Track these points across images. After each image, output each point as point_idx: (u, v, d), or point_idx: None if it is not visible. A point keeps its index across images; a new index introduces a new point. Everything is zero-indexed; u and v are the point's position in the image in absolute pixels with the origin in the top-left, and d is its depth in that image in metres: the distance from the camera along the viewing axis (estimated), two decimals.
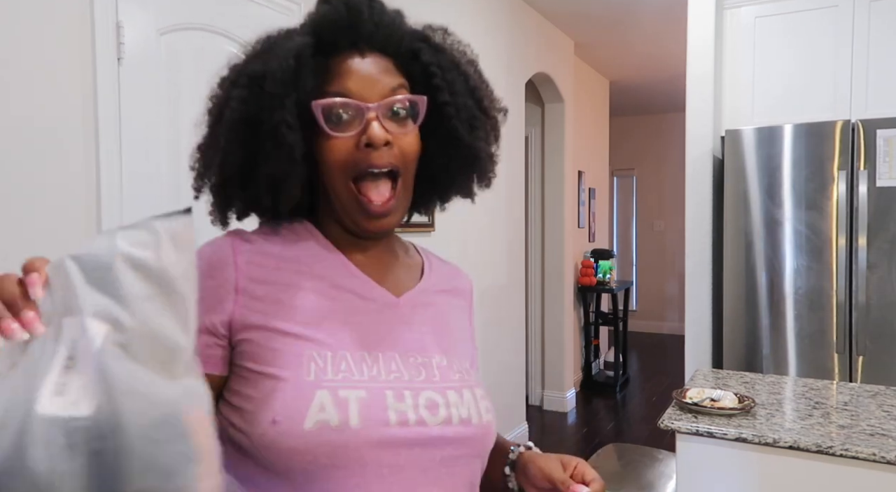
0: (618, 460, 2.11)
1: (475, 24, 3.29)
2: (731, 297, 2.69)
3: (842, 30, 2.69)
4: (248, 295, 0.68)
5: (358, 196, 0.69)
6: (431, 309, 0.78)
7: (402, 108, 0.69)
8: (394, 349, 0.71)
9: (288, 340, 0.66)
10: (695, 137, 2.90)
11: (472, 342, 0.84)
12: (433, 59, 0.72)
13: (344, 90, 0.68)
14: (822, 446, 1.42)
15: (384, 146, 0.67)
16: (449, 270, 0.87)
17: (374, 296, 0.73)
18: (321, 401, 0.63)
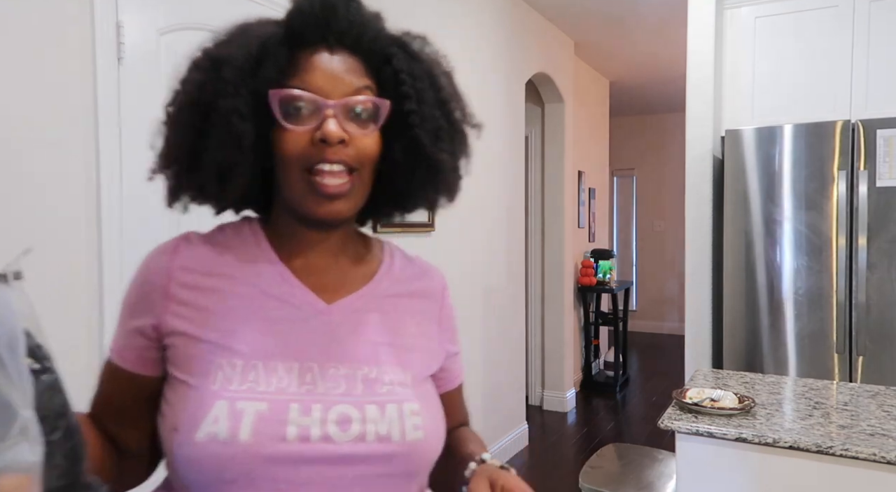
0: (618, 460, 2.11)
1: (475, 24, 3.29)
2: (731, 297, 2.69)
3: (842, 30, 2.69)
4: (176, 301, 0.68)
5: (311, 180, 0.67)
6: (372, 315, 0.74)
7: (363, 110, 0.68)
8: (313, 359, 0.68)
9: (203, 348, 0.66)
10: (695, 137, 2.90)
11: (435, 347, 0.80)
12: (405, 67, 0.71)
13: (306, 84, 0.66)
14: (822, 446, 1.42)
15: (339, 144, 0.66)
16: (415, 271, 0.83)
17: (303, 303, 0.71)
18: (217, 412, 0.62)
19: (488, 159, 3.46)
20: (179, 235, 0.73)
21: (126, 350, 0.71)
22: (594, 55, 5.04)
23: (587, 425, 4.32)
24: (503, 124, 3.63)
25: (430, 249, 2.92)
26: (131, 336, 0.70)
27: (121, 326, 0.72)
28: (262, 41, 0.66)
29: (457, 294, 3.41)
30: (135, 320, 0.70)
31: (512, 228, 3.78)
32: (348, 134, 0.66)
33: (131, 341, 0.70)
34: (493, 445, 3.55)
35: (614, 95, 6.43)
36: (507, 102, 3.67)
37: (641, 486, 1.91)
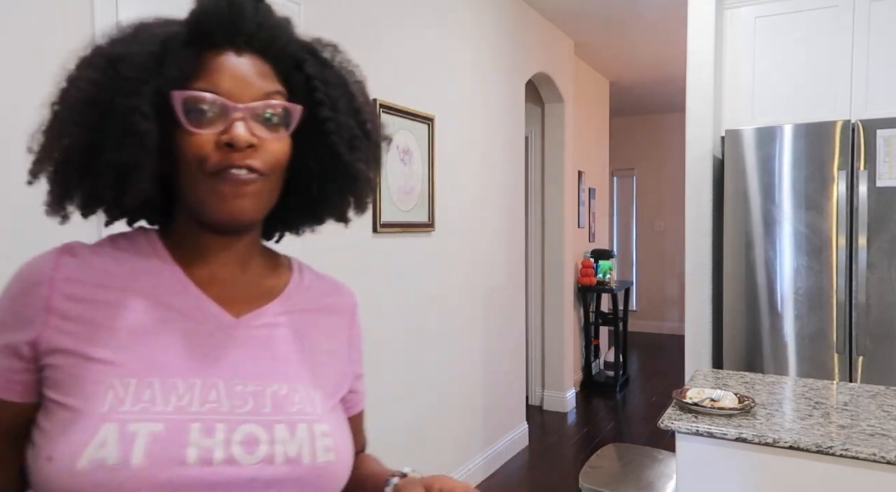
0: (618, 460, 2.11)
1: (475, 24, 3.29)
2: (731, 297, 2.69)
3: (842, 30, 2.69)
4: (59, 315, 0.61)
5: (213, 183, 0.63)
6: (282, 330, 0.70)
7: (274, 114, 0.65)
8: (218, 376, 0.63)
9: (92, 367, 0.60)
10: (695, 137, 2.90)
11: (345, 366, 0.76)
12: (317, 73, 0.69)
13: (213, 86, 0.63)
14: (822, 446, 1.42)
15: (247, 148, 0.62)
16: (325, 287, 0.79)
17: (207, 315, 0.66)
18: (105, 436, 0.56)
19: (488, 159, 3.46)
20: (60, 245, 0.66)
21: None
22: (594, 55, 5.04)
23: (587, 425, 4.32)
24: (503, 124, 3.63)
25: (430, 249, 2.92)
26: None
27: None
28: (163, 40, 0.63)
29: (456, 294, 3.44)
30: (6, 337, 0.62)
31: (512, 228, 3.78)
32: (257, 138, 0.63)
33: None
34: (493, 445, 3.55)
35: (614, 95, 6.43)
36: (507, 102, 3.67)
37: (641, 486, 1.91)
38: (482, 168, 3.40)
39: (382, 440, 2.58)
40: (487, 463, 3.45)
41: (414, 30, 2.76)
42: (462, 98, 3.16)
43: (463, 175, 3.20)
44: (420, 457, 2.85)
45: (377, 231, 2.52)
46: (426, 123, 2.83)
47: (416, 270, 2.81)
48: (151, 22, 0.66)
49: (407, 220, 2.70)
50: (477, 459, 3.36)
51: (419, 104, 2.80)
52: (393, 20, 2.62)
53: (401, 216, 2.66)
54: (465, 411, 3.24)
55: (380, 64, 2.54)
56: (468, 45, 3.22)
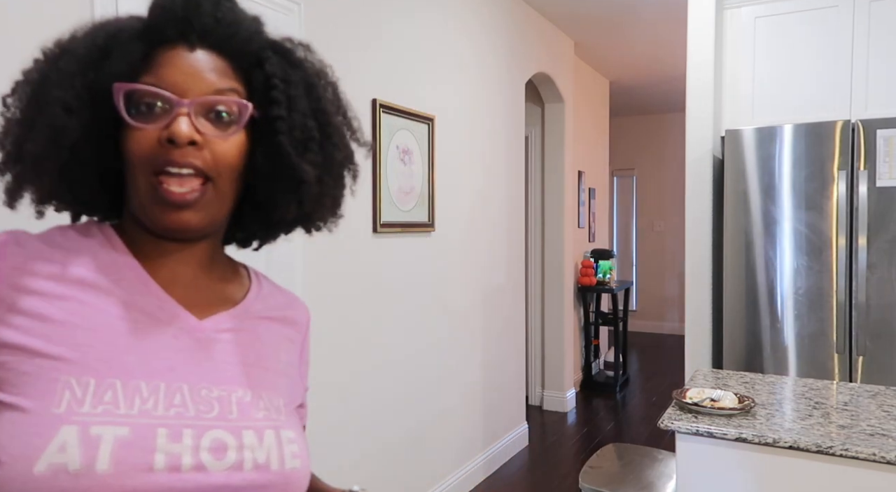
0: (618, 460, 2.11)
1: (475, 24, 3.29)
2: (731, 297, 2.69)
3: (842, 30, 2.69)
4: (6, 307, 0.57)
5: (157, 186, 0.60)
6: (245, 336, 0.69)
7: (224, 111, 0.62)
8: (183, 379, 0.61)
9: (43, 363, 0.55)
10: (695, 137, 2.90)
11: (298, 379, 0.75)
12: (278, 71, 0.66)
13: (159, 80, 0.60)
14: (822, 446, 1.42)
15: (189, 145, 0.60)
16: (283, 299, 0.78)
17: (170, 316, 0.63)
18: (64, 439, 0.52)
19: (488, 159, 3.46)
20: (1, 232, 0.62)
21: None
22: (594, 55, 5.04)
23: (587, 425, 4.32)
24: (503, 124, 3.63)
25: (430, 249, 2.92)
26: None
27: None
28: (111, 33, 0.61)
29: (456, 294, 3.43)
30: None
31: (512, 228, 3.78)
32: (202, 136, 0.61)
33: None
34: (493, 445, 3.55)
35: (614, 95, 6.43)
36: (507, 102, 3.67)
37: (641, 486, 1.91)
38: (482, 168, 3.40)
39: (383, 440, 2.58)
40: (487, 463, 3.45)
41: (414, 30, 2.76)
42: (462, 98, 3.16)
43: (463, 175, 3.20)
44: (420, 457, 2.85)
45: (377, 231, 2.52)
46: (426, 123, 2.83)
47: (416, 270, 2.81)
48: (115, 18, 0.65)
49: (407, 220, 2.70)
50: (477, 459, 3.36)
51: (419, 104, 2.80)
52: (393, 20, 2.62)
53: (401, 216, 2.66)
54: (465, 411, 3.24)
55: (380, 64, 2.54)
56: (468, 45, 3.22)
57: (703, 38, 2.87)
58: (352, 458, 2.41)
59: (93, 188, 0.64)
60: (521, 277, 3.93)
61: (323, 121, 0.69)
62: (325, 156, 0.69)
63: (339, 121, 0.71)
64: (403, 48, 2.69)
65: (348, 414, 2.39)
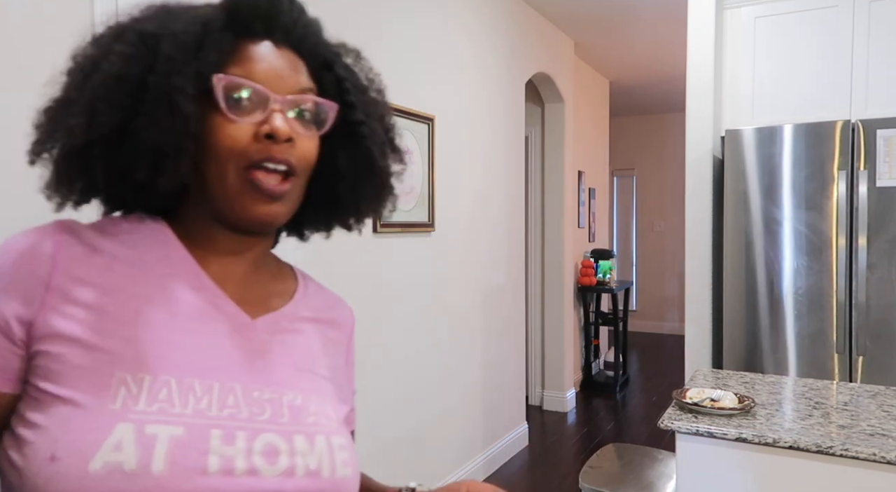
0: (618, 460, 2.11)
1: (475, 24, 3.29)
2: (731, 297, 2.69)
3: (842, 30, 2.69)
4: (61, 296, 0.55)
5: (249, 177, 0.59)
6: (295, 337, 0.67)
7: (308, 111, 0.63)
8: (235, 379, 0.59)
9: (99, 357, 0.54)
10: (695, 137, 2.90)
11: (345, 382, 0.73)
12: (346, 75, 0.68)
13: (251, 75, 0.60)
14: (822, 446, 1.42)
15: (286, 142, 0.60)
16: (328, 299, 0.76)
17: (224, 314, 0.62)
18: (120, 437, 0.50)
19: (488, 159, 3.46)
20: (53, 221, 0.60)
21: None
22: (594, 55, 5.04)
23: (587, 425, 4.32)
24: (503, 124, 3.63)
25: (430, 249, 2.92)
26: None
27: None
28: (204, 20, 0.59)
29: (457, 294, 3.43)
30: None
31: (512, 228, 3.78)
32: (294, 133, 0.61)
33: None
34: (493, 445, 3.55)
35: (614, 95, 6.43)
36: (507, 102, 3.67)
37: (641, 486, 1.91)
38: (482, 168, 3.40)
39: (383, 440, 2.58)
40: (487, 463, 3.45)
41: (414, 30, 2.76)
42: (462, 98, 3.16)
43: (463, 175, 3.20)
44: (420, 457, 2.85)
45: (377, 231, 2.52)
46: (426, 123, 2.83)
47: (417, 270, 2.81)
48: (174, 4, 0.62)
49: (407, 220, 2.70)
50: (477, 459, 3.36)
51: (419, 104, 2.80)
52: (393, 20, 2.62)
53: (401, 216, 2.66)
54: (465, 411, 3.24)
55: (380, 64, 2.54)
56: (468, 45, 3.22)
57: (703, 38, 2.87)
58: None
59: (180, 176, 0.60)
60: (521, 277, 3.93)
61: (385, 125, 0.71)
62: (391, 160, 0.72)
63: (391, 125, 0.72)
64: (403, 48, 2.69)
65: None
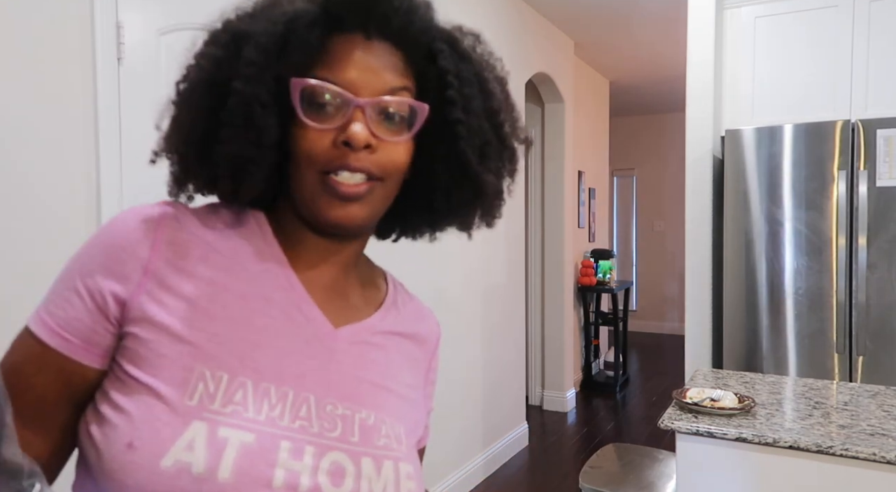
0: (618, 460, 2.11)
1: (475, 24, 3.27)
2: (731, 297, 2.69)
3: (842, 30, 2.69)
4: (156, 281, 0.54)
5: (326, 180, 0.56)
6: (377, 352, 0.64)
7: (397, 113, 0.58)
8: (311, 390, 0.56)
9: (183, 349, 0.53)
10: (695, 137, 2.90)
11: (421, 404, 0.69)
12: (452, 67, 0.60)
13: (335, 76, 0.56)
14: (822, 446, 1.42)
15: (364, 149, 0.56)
16: (416, 311, 0.73)
17: (307, 319, 0.59)
18: (193, 436, 0.49)
19: None
20: (160, 202, 0.59)
21: (69, 325, 0.54)
22: (594, 55, 5.03)
23: (587, 425, 4.32)
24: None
25: (430, 249, 2.92)
26: (82, 305, 0.54)
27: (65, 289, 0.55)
28: (290, 19, 0.55)
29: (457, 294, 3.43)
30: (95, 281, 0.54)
31: (512, 228, 3.78)
32: (376, 139, 0.56)
33: (80, 314, 0.54)
34: (493, 445, 3.55)
35: (614, 95, 6.43)
36: None
37: (641, 486, 1.91)
38: None
39: None
40: (487, 463, 3.45)
41: None
42: None
43: None
44: None
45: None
46: None
47: (416, 269, 2.81)
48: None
49: None
50: (477, 459, 3.36)
51: None
52: None
53: None
54: (464, 411, 3.24)
55: None
56: None
57: (703, 38, 2.87)
58: None
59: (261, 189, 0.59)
60: (521, 276, 3.93)
61: (495, 122, 0.63)
62: (500, 161, 0.64)
63: (507, 119, 0.65)
64: None
65: None
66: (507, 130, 0.65)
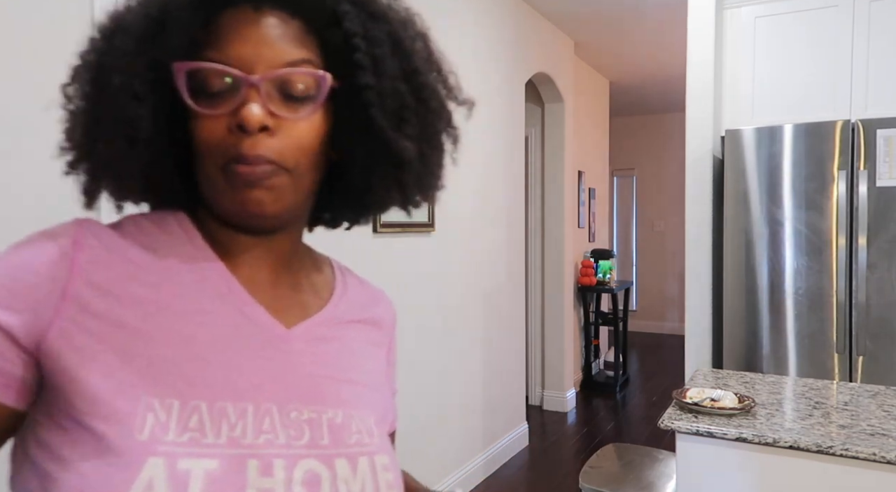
0: (618, 460, 2.11)
1: (475, 25, 3.29)
2: (731, 297, 2.69)
3: (842, 30, 2.69)
4: (80, 306, 0.48)
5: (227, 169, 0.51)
6: (335, 345, 0.60)
7: (300, 87, 0.52)
8: (271, 399, 0.53)
9: (121, 380, 0.47)
10: (695, 137, 2.90)
11: (386, 387, 0.67)
12: (359, 29, 0.54)
13: (222, 55, 0.51)
14: (822, 446, 1.42)
15: (261, 132, 0.50)
16: (368, 295, 0.69)
17: (256, 324, 0.55)
18: (151, 474, 0.44)
19: (488, 159, 3.46)
20: (74, 220, 0.53)
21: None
22: (594, 55, 5.04)
23: (587, 425, 4.32)
24: (503, 124, 3.63)
25: (431, 249, 2.92)
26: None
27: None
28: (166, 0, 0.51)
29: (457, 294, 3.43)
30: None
31: (512, 228, 3.78)
32: (276, 118, 0.51)
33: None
34: (493, 445, 3.55)
35: (614, 95, 6.43)
36: (507, 102, 3.67)
37: (641, 486, 1.91)
38: (482, 168, 3.40)
39: None
40: (487, 463, 3.45)
41: None
42: None
43: (463, 175, 3.20)
44: (420, 456, 2.85)
45: (377, 231, 2.52)
46: None
47: (416, 270, 2.81)
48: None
49: (407, 220, 2.70)
50: (477, 459, 3.36)
51: None
52: None
53: (401, 216, 2.66)
54: (465, 411, 3.24)
55: None
56: (468, 44, 3.22)
57: (703, 38, 2.87)
58: None
59: (173, 180, 0.56)
60: (521, 277, 3.93)
61: (416, 83, 0.57)
62: (424, 125, 0.58)
63: (433, 79, 0.59)
64: None
65: None
66: (432, 90, 0.59)
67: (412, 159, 0.57)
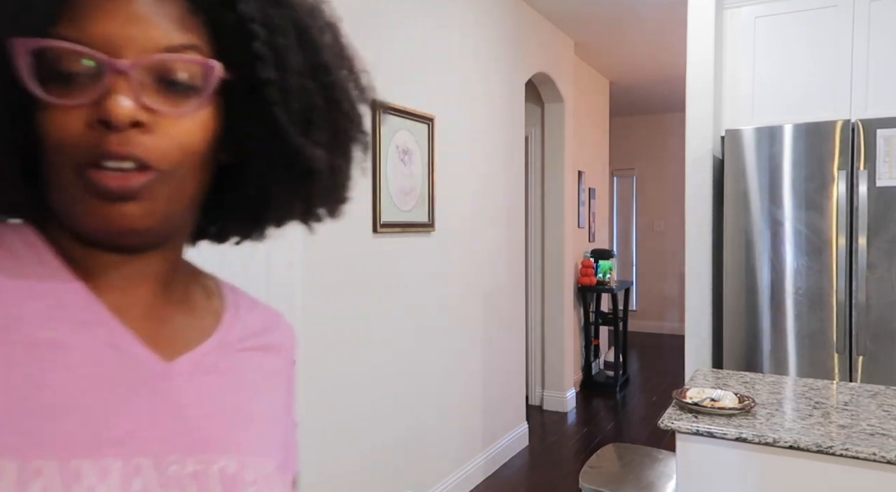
0: (618, 460, 2.11)
1: (475, 25, 3.29)
2: (731, 297, 2.69)
3: (842, 30, 2.69)
4: None
5: (84, 174, 0.41)
6: (226, 378, 0.51)
7: (183, 75, 0.43)
8: (144, 451, 0.43)
9: None
10: (695, 137, 2.90)
11: (288, 423, 0.57)
12: (258, 14, 0.45)
13: (82, 34, 0.41)
14: (822, 446, 1.42)
15: (131, 128, 0.41)
16: (264, 318, 0.58)
17: (129, 359, 0.45)
18: None
19: (488, 159, 3.46)
20: None
21: None
22: (594, 55, 5.04)
23: (587, 425, 4.32)
24: (503, 124, 3.63)
25: (430, 250, 2.92)
26: None
27: None
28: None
29: (456, 294, 3.43)
30: None
31: (512, 228, 3.78)
32: (150, 112, 0.42)
33: None
34: (493, 445, 3.55)
35: (614, 95, 6.43)
36: (507, 102, 3.67)
37: (641, 486, 1.91)
38: (482, 168, 3.40)
39: (383, 440, 2.58)
40: (487, 463, 3.45)
41: (413, 29, 2.76)
42: (462, 98, 3.16)
43: (463, 175, 3.20)
44: (420, 457, 2.85)
45: (377, 231, 2.52)
46: (426, 123, 2.83)
47: (416, 270, 2.81)
48: None
49: (407, 220, 2.70)
50: (477, 459, 3.36)
51: (419, 104, 2.80)
52: (392, 19, 2.62)
53: (401, 216, 2.66)
54: (465, 411, 3.24)
55: (379, 63, 2.54)
56: (468, 44, 3.22)
57: (703, 38, 2.87)
58: (352, 458, 2.41)
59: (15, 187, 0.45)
60: (521, 277, 3.93)
61: (326, 81, 0.49)
62: (335, 130, 0.50)
63: (344, 77, 0.51)
64: (403, 48, 2.69)
65: (348, 414, 2.39)
66: (343, 90, 0.50)
67: (322, 169, 0.49)
